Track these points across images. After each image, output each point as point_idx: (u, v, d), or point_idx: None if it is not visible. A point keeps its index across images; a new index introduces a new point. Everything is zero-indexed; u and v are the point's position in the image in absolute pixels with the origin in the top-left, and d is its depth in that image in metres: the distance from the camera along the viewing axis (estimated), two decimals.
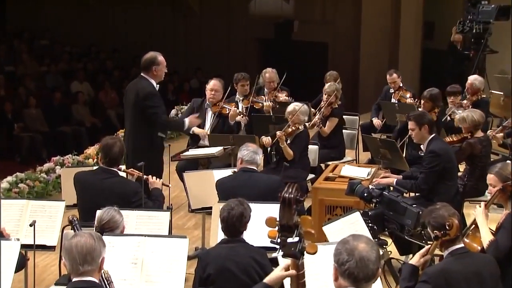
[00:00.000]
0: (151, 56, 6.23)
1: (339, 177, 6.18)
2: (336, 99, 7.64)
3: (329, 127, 7.58)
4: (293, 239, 2.57)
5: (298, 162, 6.70)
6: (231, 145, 6.66)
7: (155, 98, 6.09)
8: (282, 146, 6.64)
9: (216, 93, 7.23)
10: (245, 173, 5.00)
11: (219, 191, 5.04)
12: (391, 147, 6.61)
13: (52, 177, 7.81)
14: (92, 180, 4.93)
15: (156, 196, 5.11)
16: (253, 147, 5.06)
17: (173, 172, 6.90)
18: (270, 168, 6.81)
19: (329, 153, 7.55)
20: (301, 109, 6.82)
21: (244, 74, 7.97)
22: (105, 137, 5.16)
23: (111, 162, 4.93)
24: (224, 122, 7.23)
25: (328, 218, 5.68)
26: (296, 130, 6.78)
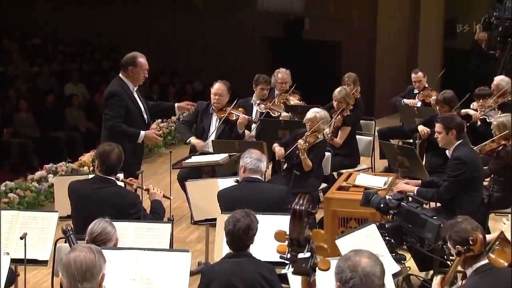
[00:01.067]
0: (131, 55, 6.32)
1: (353, 187, 6.17)
2: (348, 105, 7.64)
3: (342, 137, 7.57)
4: (304, 254, 2.56)
5: (311, 171, 6.70)
6: (237, 151, 6.66)
7: (114, 99, 6.15)
8: (302, 158, 6.64)
9: (220, 98, 7.23)
10: (249, 183, 4.99)
11: (221, 203, 5.04)
12: (410, 155, 6.60)
13: (44, 186, 7.84)
14: (87, 190, 4.95)
15: (156, 209, 5.11)
16: (257, 154, 5.05)
17: (174, 181, 6.92)
18: (281, 176, 6.81)
19: (342, 161, 7.54)
20: (323, 117, 6.81)
21: (266, 77, 8.01)
22: (102, 143, 5.19)
23: (108, 170, 4.95)
24: (231, 129, 7.24)
25: (342, 231, 5.67)
26: (316, 139, 6.79)
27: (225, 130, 7.22)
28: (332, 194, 6.07)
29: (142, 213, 4.89)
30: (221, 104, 7.25)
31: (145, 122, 6.38)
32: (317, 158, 6.75)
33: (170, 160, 6.57)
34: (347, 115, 7.61)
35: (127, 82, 6.26)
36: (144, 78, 6.34)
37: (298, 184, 6.18)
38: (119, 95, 6.18)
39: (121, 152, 5.01)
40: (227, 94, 7.30)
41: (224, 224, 4.05)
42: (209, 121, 7.30)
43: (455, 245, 3.73)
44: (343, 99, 7.61)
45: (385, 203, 4.87)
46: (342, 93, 7.66)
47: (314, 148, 6.78)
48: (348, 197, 5.93)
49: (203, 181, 5.98)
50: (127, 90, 6.25)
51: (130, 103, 6.23)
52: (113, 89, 6.25)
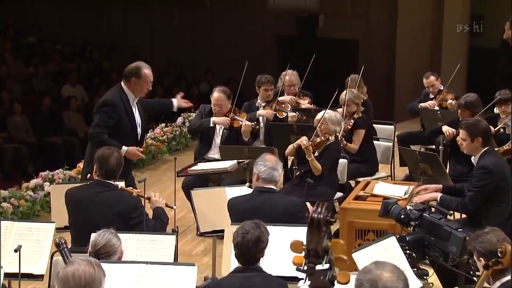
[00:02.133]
0: (135, 66, 6.36)
1: (371, 196, 6.16)
2: (358, 107, 7.64)
3: (357, 141, 7.57)
4: (323, 266, 2.56)
5: (326, 179, 6.70)
6: (246, 158, 6.68)
7: (108, 108, 6.17)
8: (309, 159, 6.64)
9: (220, 108, 7.32)
10: (262, 194, 5.00)
11: (232, 213, 5.05)
12: (433, 161, 6.59)
13: (40, 195, 7.88)
14: (85, 195, 5.01)
15: (159, 216, 5.16)
16: (271, 161, 5.05)
17: (179, 190, 6.93)
18: (292, 184, 6.82)
19: (359, 168, 7.54)
20: (332, 116, 6.82)
21: (269, 77, 8.03)
22: (101, 147, 5.23)
23: (107, 174, 5.04)
24: (237, 135, 7.26)
25: (359, 243, 5.66)
26: (326, 141, 6.79)
27: (230, 136, 7.25)
28: (348, 204, 6.06)
29: (144, 218, 4.92)
30: (223, 112, 7.34)
31: (136, 138, 6.37)
32: (328, 161, 6.75)
33: (174, 167, 6.59)
34: (359, 117, 7.61)
35: (128, 93, 6.28)
36: (147, 90, 6.37)
37: (311, 193, 6.18)
38: (113, 105, 6.19)
39: (121, 157, 5.09)
40: (227, 102, 7.37)
41: (233, 236, 4.05)
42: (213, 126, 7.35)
43: (479, 256, 3.73)
44: (351, 101, 7.62)
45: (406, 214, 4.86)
46: (349, 95, 7.68)
47: (324, 151, 6.79)
48: (366, 207, 5.92)
49: (210, 190, 5.99)
50: (125, 102, 6.25)
51: (125, 116, 6.23)
52: (110, 98, 6.27)
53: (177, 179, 6.72)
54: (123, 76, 6.37)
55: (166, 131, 10.83)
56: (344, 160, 7.22)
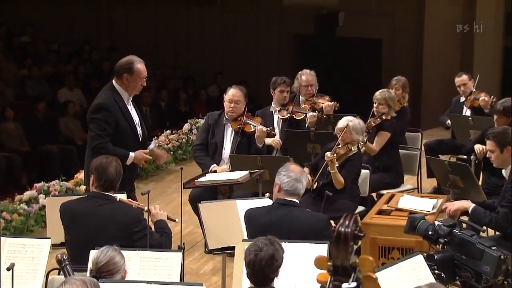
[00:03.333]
0: (126, 60, 6.32)
1: (396, 210, 6.15)
2: (390, 110, 7.63)
3: (379, 143, 7.56)
4: (349, 284, 2.56)
5: (346, 191, 6.71)
6: (259, 168, 6.68)
7: (102, 114, 6.16)
8: (332, 172, 6.65)
9: (236, 106, 7.27)
10: (283, 207, 4.98)
11: (249, 226, 5.06)
12: (464, 173, 6.58)
13: (35, 209, 7.91)
14: (83, 209, 5.02)
15: (163, 228, 5.18)
16: (296, 172, 5.03)
17: (186, 203, 6.95)
18: (310, 197, 6.82)
19: (383, 179, 7.53)
20: (356, 125, 6.81)
21: (285, 78, 8.03)
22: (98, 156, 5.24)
23: (106, 185, 5.05)
24: (249, 141, 7.27)
25: (383, 262, 5.66)
26: (348, 152, 6.79)
27: (242, 143, 7.25)
28: (371, 219, 6.06)
29: (148, 231, 4.94)
30: (237, 113, 7.29)
31: (138, 139, 6.35)
32: (350, 174, 6.75)
33: (181, 178, 6.59)
34: (387, 119, 7.61)
35: (121, 92, 6.27)
36: (141, 87, 6.34)
37: (330, 207, 6.18)
38: (107, 109, 6.17)
39: (120, 166, 5.10)
40: (243, 102, 7.34)
41: (244, 254, 4.05)
42: (222, 133, 7.34)
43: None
44: (384, 101, 7.61)
45: (434, 230, 4.85)
46: (384, 94, 7.68)
47: (346, 162, 6.78)
48: (390, 223, 5.92)
49: (220, 203, 6.00)
50: (120, 102, 6.24)
51: (122, 118, 6.22)
52: (102, 101, 6.24)
53: (184, 191, 6.73)
54: (114, 73, 6.35)
55: (171, 138, 10.85)
56: (365, 170, 7.21)
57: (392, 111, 7.70)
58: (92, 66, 15.81)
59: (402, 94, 8.54)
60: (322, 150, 7.04)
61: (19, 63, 14.86)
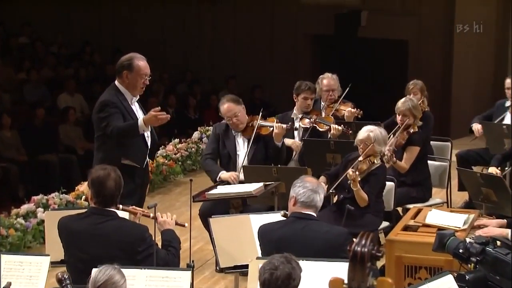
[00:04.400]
0: (126, 57, 6.40)
1: (423, 226, 6.14)
2: (415, 120, 7.61)
3: (408, 160, 7.53)
4: None
5: (370, 206, 6.71)
6: (274, 180, 6.69)
7: (108, 109, 6.22)
8: (355, 189, 6.64)
9: (237, 118, 7.28)
10: (299, 220, 4.99)
11: (263, 242, 5.06)
12: (498, 186, 6.56)
13: (32, 223, 7.93)
14: (81, 227, 5.00)
15: (169, 242, 5.14)
16: (312, 183, 5.04)
17: (196, 218, 6.96)
18: (330, 211, 6.82)
19: (409, 193, 7.52)
20: (378, 135, 6.80)
21: (310, 84, 8.01)
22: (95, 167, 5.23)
23: (105, 200, 5.01)
24: (266, 146, 7.27)
25: (409, 283, 5.65)
26: (371, 165, 6.78)
27: (258, 149, 7.26)
28: (396, 236, 6.04)
29: (154, 249, 4.92)
30: (242, 121, 7.31)
31: (146, 142, 6.38)
32: (374, 189, 6.74)
33: (190, 190, 6.61)
34: (414, 132, 7.58)
35: (124, 92, 6.34)
36: (143, 85, 6.36)
37: (352, 222, 6.17)
38: (111, 105, 6.25)
39: (119, 177, 5.04)
40: (241, 107, 7.33)
41: (259, 273, 4.05)
42: (233, 143, 7.35)
43: None
44: (409, 112, 7.58)
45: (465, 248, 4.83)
46: (407, 104, 7.63)
47: (369, 176, 6.77)
48: (417, 240, 5.90)
49: (232, 218, 6.00)
50: (123, 102, 6.31)
51: (127, 117, 6.29)
52: (105, 98, 6.34)
53: (193, 204, 6.74)
54: (115, 72, 6.43)
55: (180, 148, 10.88)
56: (390, 183, 7.20)
57: (418, 121, 7.67)
58: (94, 69, 15.85)
59: (421, 98, 8.51)
60: (343, 161, 7.03)
61: (16, 66, 14.90)
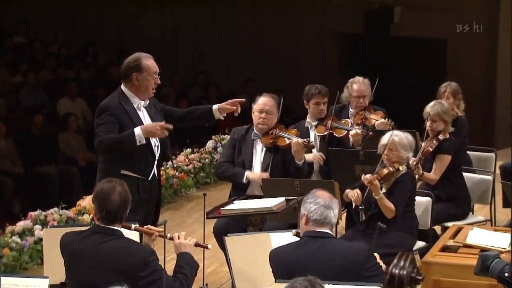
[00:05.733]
0: (133, 58, 6.44)
1: (464, 247, 6.12)
2: (446, 126, 7.60)
3: (438, 169, 7.52)
4: None
5: (401, 222, 6.68)
6: (297, 194, 6.68)
7: (104, 115, 6.25)
8: (377, 198, 6.63)
9: (268, 116, 7.31)
10: (313, 240, 4.99)
11: (275, 267, 5.06)
12: None
13: (29, 242, 7.95)
14: (82, 246, 5.00)
15: (181, 267, 5.12)
16: (324, 198, 5.03)
17: (210, 236, 6.96)
18: (357, 231, 6.80)
19: (447, 209, 7.50)
20: (403, 139, 6.80)
21: (320, 87, 7.99)
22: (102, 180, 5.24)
23: (109, 217, 5.01)
24: (284, 159, 7.28)
25: None
26: (395, 172, 6.77)
27: (275, 161, 7.26)
28: (433, 257, 6.03)
29: (160, 275, 4.89)
30: (269, 125, 7.32)
31: (153, 152, 6.39)
32: (401, 199, 6.72)
33: (203, 206, 6.61)
34: (445, 139, 7.57)
35: (131, 96, 6.36)
36: (155, 85, 6.40)
37: (382, 241, 6.15)
38: (111, 110, 6.27)
39: (126, 191, 5.04)
40: (276, 112, 7.36)
41: None
42: (250, 151, 7.36)
43: None
44: (438, 117, 7.58)
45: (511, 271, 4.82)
46: (436, 108, 7.64)
47: (395, 185, 6.77)
48: (457, 262, 5.90)
49: (250, 236, 6.00)
50: (128, 106, 6.32)
51: (129, 124, 6.27)
52: (104, 103, 6.39)
53: (207, 221, 6.75)
54: (121, 76, 6.46)
55: (192, 158, 10.88)
56: (426, 198, 7.18)
57: (449, 127, 7.66)
58: (97, 71, 15.90)
59: (455, 102, 8.47)
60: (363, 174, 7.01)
61: (11, 68, 14.95)
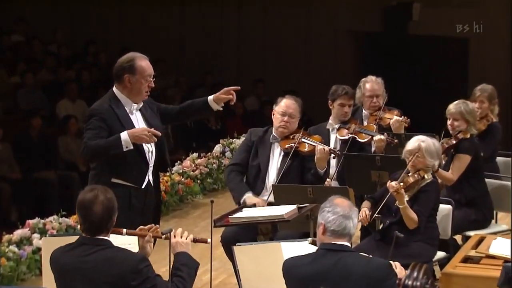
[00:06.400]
0: (126, 58, 6.40)
1: (486, 258, 6.11)
2: (468, 126, 7.59)
3: (456, 169, 7.53)
4: None
5: (421, 232, 6.69)
6: (310, 202, 6.68)
7: (92, 120, 6.23)
8: (401, 207, 6.63)
9: (291, 120, 7.32)
10: (330, 253, 4.96)
11: (288, 279, 5.05)
12: None
13: (27, 252, 7.96)
14: (68, 260, 4.99)
15: (179, 269, 5.06)
16: (343, 207, 5.01)
17: (217, 245, 6.97)
18: (374, 240, 6.80)
19: (467, 216, 7.49)
20: (430, 145, 6.79)
21: (348, 89, 7.95)
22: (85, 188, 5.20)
23: (93, 229, 4.97)
24: (302, 165, 7.29)
25: None
26: (420, 181, 6.77)
27: (293, 167, 7.26)
28: (454, 269, 6.02)
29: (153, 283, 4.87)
30: (290, 129, 7.33)
31: (146, 159, 6.36)
32: (425, 209, 6.71)
33: (211, 214, 6.61)
34: (465, 138, 7.55)
35: (122, 99, 6.35)
36: (149, 88, 6.37)
37: (400, 252, 6.14)
38: (100, 114, 6.24)
39: (110, 200, 4.98)
40: (298, 116, 7.39)
41: None
42: (267, 154, 7.37)
43: None
44: (460, 116, 7.59)
45: None
46: (459, 107, 7.65)
47: (419, 194, 6.76)
48: (480, 274, 5.89)
49: (259, 246, 6.01)
50: (118, 110, 6.30)
51: (120, 128, 6.23)
52: (93, 107, 6.39)
53: (214, 230, 6.74)
54: (113, 76, 6.45)
55: (199, 163, 10.89)
56: (447, 206, 7.18)
57: (473, 128, 7.65)
58: (99, 72, 15.91)
59: (490, 107, 8.45)
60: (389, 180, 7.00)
61: (9, 68, 14.97)
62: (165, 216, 9.74)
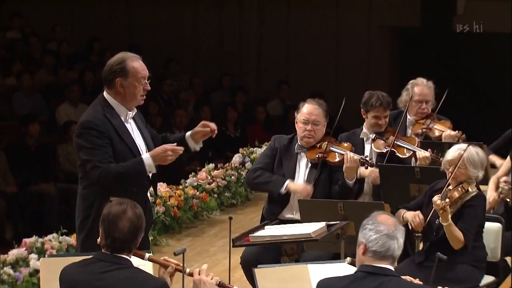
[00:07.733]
0: (116, 60, 6.40)
1: None
2: None
3: None
4: None
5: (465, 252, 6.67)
6: (340, 218, 6.68)
7: (91, 134, 6.20)
8: (445, 224, 6.60)
9: (315, 128, 7.32)
10: (371, 276, 4.96)
11: None
12: None
13: (24, 274, 7.99)
14: (83, 276, 5.02)
15: None
16: (387, 225, 4.98)
17: (237, 268, 6.98)
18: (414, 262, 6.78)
19: None
20: (473, 155, 6.77)
21: (384, 98, 7.82)
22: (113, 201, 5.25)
23: (115, 246, 5.02)
24: (331, 177, 7.29)
25: None
26: (464, 195, 6.75)
27: (321, 180, 7.27)
28: None
29: None
30: (316, 138, 7.32)
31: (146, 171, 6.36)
32: (471, 227, 6.69)
33: (229, 232, 6.63)
34: None
35: (115, 106, 6.35)
36: (144, 92, 6.35)
37: (444, 276, 6.13)
38: (97, 128, 6.21)
39: (139, 217, 5.04)
40: (324, 122, 7.38)
41: None
42: (293, 166, 7.38)
43: None
44: None
45: None
46: None
47: (463, 209, 6.74)
48: None
49: (284, 268, 6.00)
50: (113, 119, 6.29)
51: (117, 140, 6.24)
52: (86, 118, 6.35)
53: (233, 250, 6.76)
54: (103, 81, 6.43)
55: (215, 175, 10.88)
56: (495, 224, 7.15)
57: None
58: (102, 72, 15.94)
59: None
60: (426, 192, 6.96)
61: (3, 69, 15.03)
62: (177, 234, 9.76)
